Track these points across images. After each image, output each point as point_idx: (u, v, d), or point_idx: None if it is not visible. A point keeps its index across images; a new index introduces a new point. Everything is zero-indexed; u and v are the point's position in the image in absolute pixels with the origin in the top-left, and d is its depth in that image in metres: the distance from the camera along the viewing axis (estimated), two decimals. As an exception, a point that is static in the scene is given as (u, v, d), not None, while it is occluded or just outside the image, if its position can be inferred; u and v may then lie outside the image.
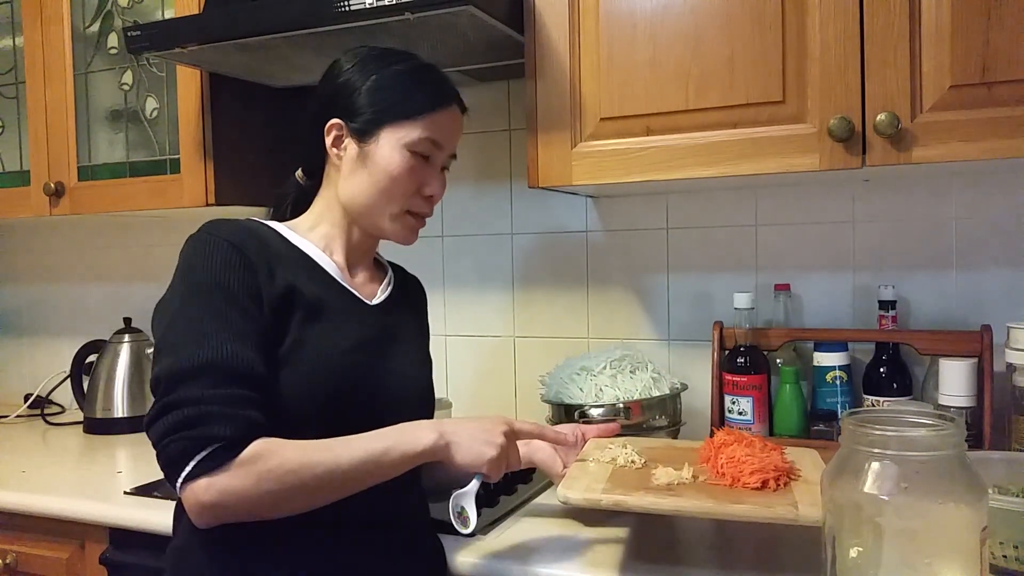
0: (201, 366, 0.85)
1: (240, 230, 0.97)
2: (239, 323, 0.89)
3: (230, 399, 0.85)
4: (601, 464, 1.06)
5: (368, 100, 1.02)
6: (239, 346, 0.87)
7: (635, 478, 1.01)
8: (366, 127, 1.02)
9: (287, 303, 0.94)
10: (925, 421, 0.79)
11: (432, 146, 1.03)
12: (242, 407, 0.85)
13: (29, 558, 1.40)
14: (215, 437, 0.83)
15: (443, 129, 1.04)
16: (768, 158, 1.17)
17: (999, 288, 1.37)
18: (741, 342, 1.40)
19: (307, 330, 0.94)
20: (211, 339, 0.87)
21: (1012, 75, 1.04)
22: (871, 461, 0.76)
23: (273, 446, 0.85)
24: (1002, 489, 1.03)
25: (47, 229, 2.26)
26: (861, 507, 0.76)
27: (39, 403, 2.09)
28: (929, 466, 0.75)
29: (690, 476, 1.00)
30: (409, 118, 1.01)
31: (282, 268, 0.96)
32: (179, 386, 0.84)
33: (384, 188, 1.02)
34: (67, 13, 1.73)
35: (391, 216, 1.04)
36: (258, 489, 0.83)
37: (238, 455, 0.83)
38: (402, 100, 1.01)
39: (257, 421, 0.86)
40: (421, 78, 1.04)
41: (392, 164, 1.01)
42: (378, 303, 1.07)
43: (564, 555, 1.05)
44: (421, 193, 1.04)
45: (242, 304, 0.91)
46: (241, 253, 0.94)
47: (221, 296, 0.90)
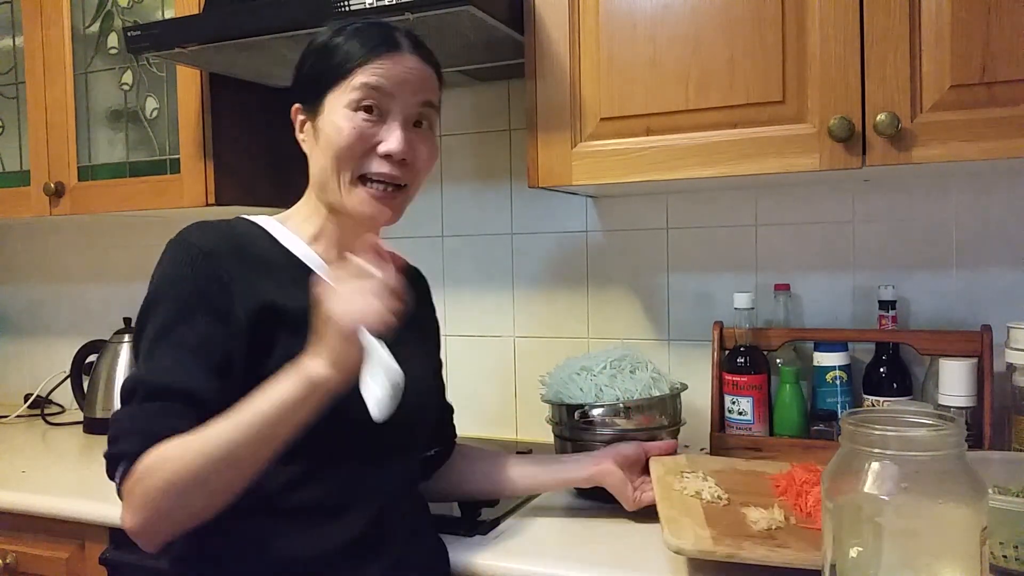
0: (136, 382, 0.86)
1: (219, 236, 0.93)
2: (187, 337, 0.86)
3: (146, 414, 0.84)
4: (686, 497, 1.08)
5: (310, 74, 0.98)
6: (181, 361, 0.85)
7: (730, 519, 1.03)
8: (313, 102, 0.97)
9: (268, 318, 0.89)
10: (925, 421, 0.79)
11: (374, 93, 0.93)
12: (154, 420, 0.83)
13: (29, 558, 1.40)
14: (122, 453, 0.83)
15: (386, 74, 0.94)
16: (768, 158, 1.17)
17: (999, 288, 1.37)
18: (741, 342, 1.40)
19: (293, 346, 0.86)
20: (156, 354, 0.86)
21: (1012, 75, 1.04)
22: (871, 461, 0.76)
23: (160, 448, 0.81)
24: (1002, 489, 1.03)
25: (47, 229, 2.26)
26: (861, 507, 0.76)
27: (39, 403, 2.09)
28: (929, 466, 0.75)
29: (782, 518, 1.02)
30: (346, 75, 0.94)
31: (264, 279, 0.92)
32: (124, 402, 0.86)
33: (334, 155, 0.94)
34: (67, 13, 1.73)
35: (346, 187, 0.95)
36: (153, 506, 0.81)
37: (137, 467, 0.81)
38: (339, 60, 0.95)
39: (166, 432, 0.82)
40: (356, 33, 0.96)
41: (334, 127, 0.94)
42: None
43: (564, 555, 1.05)
44: (376, 153, 0.95)
45: (196, 318, 0.87)
46: (209, 262, 0.89)
47: (175, 308, 0.88)
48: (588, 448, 1.26)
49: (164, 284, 0.90)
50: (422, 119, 0.99)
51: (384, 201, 0.96)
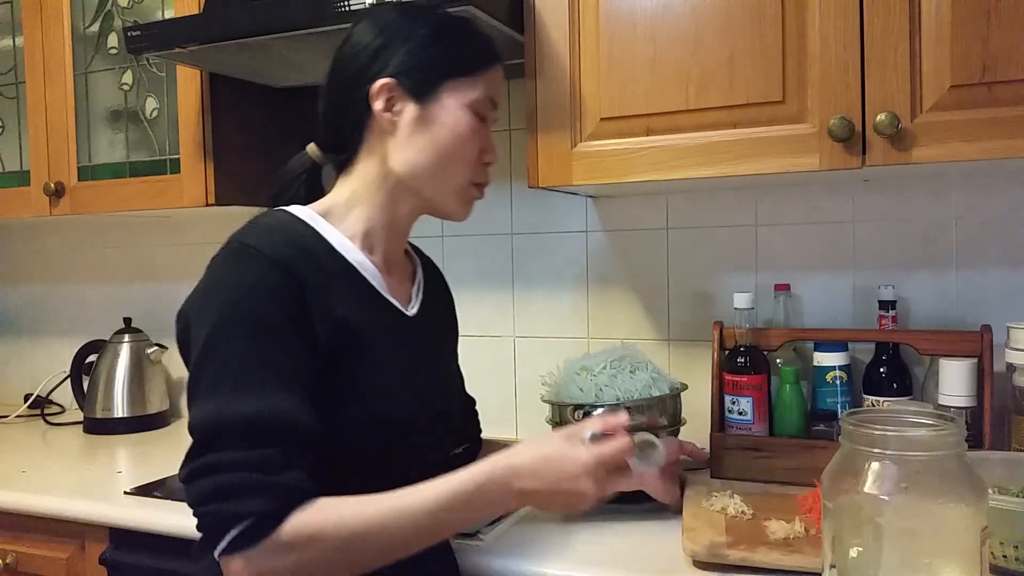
0: (234, 422, 0.75)
1: (286, 244, 0.84)
2: (284, 366, 0.78)
3: (269, 463, 0.75)
4: (711, 512, 1.11)
5: (423, 55, 0.91)
6: (283, 396, 0.77)
7: (750, 530, 1.05)
8: (425, 85, 0.91)
9: (341, 336, 0.83)
10: (925, 421, 0.79)
11: (491, 106, 0.95)
12: (282, 472, 0.75)
13: (29, 558, 1.40)
14: (249, 512, 0.73)
15: (497, 88, 0.96)
16: (768, 158, 1.17)
17: (999, 288, 1.37)
18: (741, 342, 1.39)
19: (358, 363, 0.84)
20: (250, 388, 0.76)
21: (1012, 75, 1.04)
22: (871, 461, 0.76)
23: (316, 521, 0.75)
24: (1002, 489, 1.03)
25: (47, 229, 2.26)
26: (861, 507, 0.76)
27: (39, 403, 2.09)
28: (929, 466, 0.75)
29: (802, 529, 1.03)
30: (470, 74, 0.92)
31: (332, 292, 0.85)
32: (214, 443, 0.75)
33: (450, 153, 0.91)
34: (67, 13, 1.73)
35: (456, 187, 0.93)
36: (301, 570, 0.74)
37: (275, 531, 0.73)
38: (461, 55, 0.92)
39: (299, 486, 0.76)
40: (471, 30, 0.95)
41: (460, 125, 0.91)
42: (414, 313, 0.97)
43: (564, 555, 1.05)
44: (482, 160, 0.95)
45: (287, 342, 0.79)
46: (288, 277, 0.81)
47: (263, 332, 0.78)
48: (588, 448, 1.26)
49: (238, 302, 0.79)
50: None
51: (472, 205, 0.98)
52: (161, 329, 2.07)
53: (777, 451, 1.32)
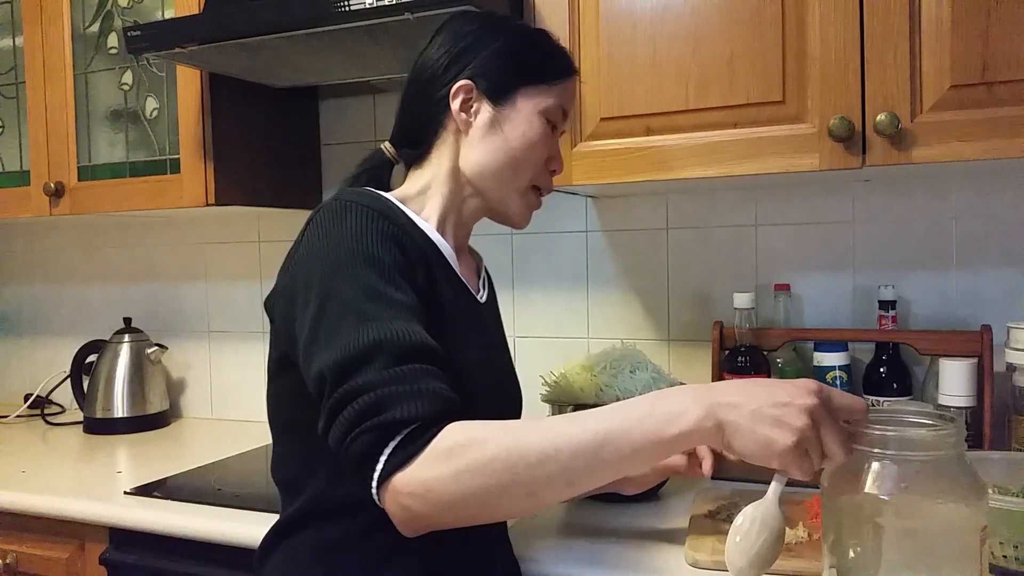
0: (369, 348, 0.73)
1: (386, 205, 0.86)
2: (402, 301, 0.78)
3: (409, 376, 0.72)
4: (717, 521, 1.11)
5: (502, 60, 0.94)
6: (405, 322, 0.75)
7: None
8: (501, 89, 0.94)
9: (429, 300, 0.84)
10: (925, 421, 0.79)
11: (562, 116, 0.98)
12: (428, 382, 0.72)
13: (29, 558, 1.40)
14: (405, 420, 0.70)
15: (570, 98, 1.00)
16: (768, 158, 1.17)
17: (999, 288, 1.37)
18: (741, 342, 1.40)
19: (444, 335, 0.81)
20: (373, 319, 0.75)
21: (1012, 75, 1.04)
22: (871, 461, 0.76)
23: (472, 429, 0.71)
24: (1002, 489, 1.03)
25: (47, 229, 2.27)
26: (861, 507, 0.76)
27: (39, 403, 2.09)
28: (929, 466, 0.75)
29: (806, 535, 1.03)
30: (545, 82, 0.95)
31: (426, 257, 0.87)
32: (350, 375, 0.72)
33: (519, 156, 0.94)
34: (67, 13, 1.73)
35: (520, 190, 0.97)
36: (460, 484, 0.69)
37: (434, 437, 0.70)
38: (538, 63, 0.96)
39: (448, 395, 0.73)
40: (550, 42, 0.99)
41: (532, 130, 0.94)
42: (484, 300, 1.01)
43: (564, 556, 1.05)
44: (547, 166, 0.99)
45: (397, 281, 0.79)
46: (394, 227, 0.83)
47: (376, 271, 0.78)
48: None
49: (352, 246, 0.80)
50: None
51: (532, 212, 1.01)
52: (161, 329, 2.07)
53: (777, 451, 1.32)
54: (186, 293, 2.07)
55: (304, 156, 1.87)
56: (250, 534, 1.18)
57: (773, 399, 0.69)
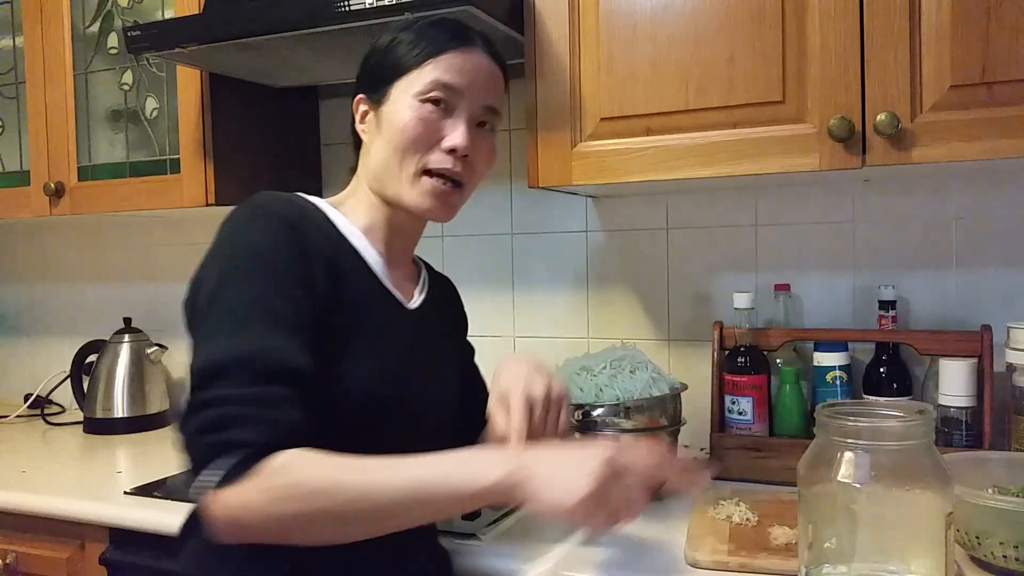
0: (236, 360, 0.76)
1: (294, 208, 0.88)
2: (286, 311, 0.80)
3: (261, 399, 0.76)
4: (717, 521, 1.11)
5: (380, 63, 0.96)
6: (281, 337, 0.78)
7: (754, 537, 1.05)
8: (379, 92, 0.95)
9: (332, 309, 0.86)
10: (895, 413, 0.83)
11: (445, 90, 0.92)
12: (277, 408, 0.76)
13: (29, 558, 1.40)
14: (242, 443, 0.74)
15: (458, 71, 0.93)
16: (768, 158, 1.17)
17: (999, 288, 1.37)
18: (741, 342, 1.40)
19: (351, 340, 0.86)
20: (250, 328, 0.78)
21: (1012, 75, 1.04)
22: (844, 451, 0.80)
23: (303, 460, 0.75)
24: (1002, 489, 1.03)
25: (47, 229, 2.26)
26: (835, 495, 0.80)
27: (39, 403, 2.09)
28: (899, 455, 0.79)
29: None
30: (417, 65, 0.92)
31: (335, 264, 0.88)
32: (212, 383, 0.76)
33: (397, 145, 0.92)
34: (67, 13, 1.73)
35: (409, 179, 0.93)
36: (274, 508, 0.73)
37: (262, 464, 0.74)
38: (409, 51, 0.93)
39: (293, 424, 0.76)
40: (433, 26, 0.96)
41: (402, 116, 0.92)
42: (415, 307, 1.00)
43: (564, 555, 1.05)
44: (440, 147, 0.93)
45: (290, 291, 0.81)
46: (298, 234, 0.85)
47: (268, 279, 0.81)
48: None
49: (247, 252, 0.83)
50: (485, 121, 0.98)
51: (442, 197, 0.94)
52: (161, 329, 2.07)
53: (777, 451, 1.32)
54: (186, 293, 2.07)
55: (304, 156, 1.87)
56: (250, 534, 1.18)
57: (571, 460, 0.74)
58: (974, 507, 0.92)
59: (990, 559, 0.94)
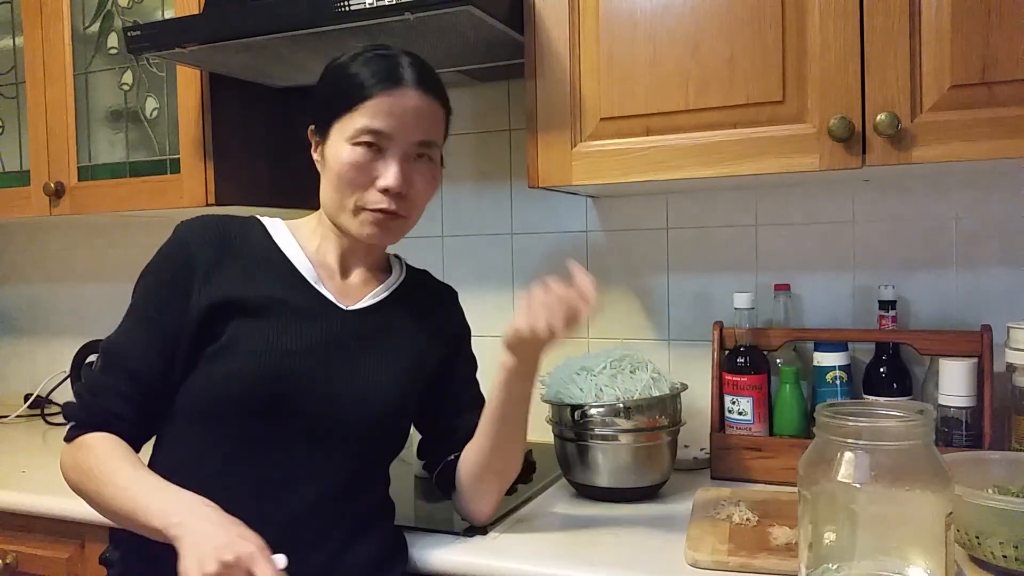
0: (104, 348, 1.00)
1: (205, 229, 1.02)
2: (152, 315, 0.99)
3: (101, 386, 0.97)
4: (717, 521, 1.11)
5: (322, 102, 1.03)
6: (137, 337, 0.98)
7: (754, 537, 1.05)
8: (321, 128, 1.03)
9: (224, 307, 0.97)
10: (895, 413, 0.84)
11: (374, 134, 0.97)
12: (105, 397, 0.96)
13: (29, 558, 1.40)
14: (70, 415, 0.98)
15: (387, 115, 0.97)
16: (768, 158, 1.17)
17: (999, 288, 1.37)
18: (741, 342, 1.40)
19: (245, 330, 0.97)
20: (123, 324, 1.00)
21: (1012, 75, 1.04)
22: (844, 451, 0.80)
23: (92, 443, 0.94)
24: (1002, 489, 1.03)
25: (47, 229, 2.26)
26: (835, 495, 0.80)
27: (39, 403, 2.09)
28: (898, 455, 0.79)
29: None
30: (348, 109, 0.98)
31: (232, 271, 0.99)
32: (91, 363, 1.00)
33: (336, 185, 1.00)
34: (67, 13, 1.73)
35: (349, 214, 1.01)
36: (68, 473, 0.96)
37: (76, 440, 0.96)
38: (343, 93, 0.99)
39: (113, 412, 0.96)
40: (366, 64, 0.99)
41: (338, 159, 0.99)
42: (356, 308, 1.04)
43: (563, 555, 1.05)
44: (375, 186, 0.99)
45: (164, 299, 0.99)
46: (185, 250, 1.00)
47: (152, 287, 1.00)
48: (588, 448, 1.26)
49: (149, 265, 1.02)
50: (422, 154, 1.02)
51: (382, 227, 1.02)
52: (161, 329, 2.07)
53: (777, 451, 1.33)
54: (186, 293, 2.07)
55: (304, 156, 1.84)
56: (250, 534, 1.18)
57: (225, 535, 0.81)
58: (974, 507, 0.92)
59: (990, 559, 0.94)
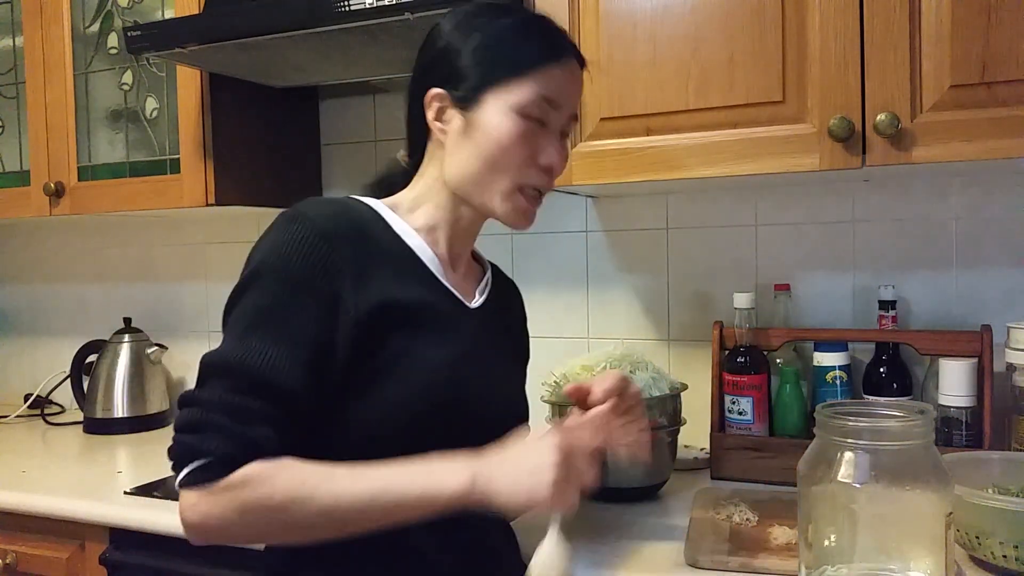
0: (230, 365, 0.78)
1: (338, 216, 0.87)
2: (295, 325, 0.80)
3: (237, 411, 0.77)
4: (717, 521, 1.11)
5: (471, 62, 0.90)
6: (280, 349, 0.79)
7: (754, 537, 1.05)
8: (470, 93, 0.90)
9: (382, 315, 0.84)
10: (895, 413, 0.84)
11: (547, 106, 0.90)
12: (250, 423, 0.77)
13: (29, 558, 1.40)
14: (205, 451, 0.76)
15: (558, 86, 0.90)
16: (768, 158, 1.17)
17: (999, 288, 1.37)
18: (741, 342, 1.39)
19: (408, 340, 0.86)
20: (254, 336, 0.79)
21: (1012, 75, 1.04)
22: (844, 451, 0.80)
23: (268, 472, 0.77)
24: (1002, 489, 1.03)
25: (47, 229, 2.26)
26: (835, 495, 0.80)
27: (39, 403, 2.09)
28: (898, 455, 0.79)
29: None
30: (517, 76, 0.88)
31: (380, 270, 0.87)
32: (205, 381, 0.79)
33: (493, 159, 0.89)
34: (67, 13, 1.73)
35: (502, 193, 0.91)
36: (239, 519, 0.76)
37: (225, 476, 0.76)
38: (508, 57, 0.89)
39: (262, 441, 0.77)
40: (529, 30, 0.92)
41: (501, 131, 0.88)
42: (476, 306, 0.97)
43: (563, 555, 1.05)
44: (536, 163, 0.91)
45: (307, 303, 0.81)
46: (330, 247, 0.83)
47: (289, 291, 0.81)
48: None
49: (273, 258, 0.83)
50: (566, 131, 0.96)
51: (531, 211, 0.94)
52: (161, 329, 2.07)
53: (777, 451, 1.32)
54: (186, 293, 2.07)
55: (304, 156, 1.87)
56: (250, 534, 1.18)
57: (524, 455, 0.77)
58: (974, 507, 0.92)
59: (990, 559, 0.94)
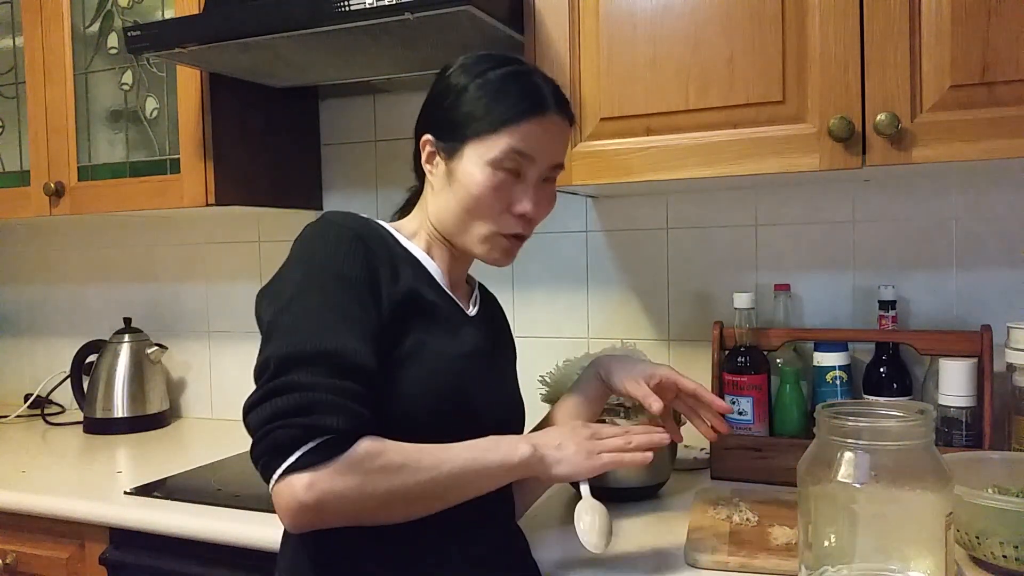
0: (318, 353, 0.81)
1: (362, 224, 0.95)
2: (358, 315, 0.86)
3: (343, 391, 0.81)
4: (717, 521, 1.11)
5: (454, 115, 0.96)
6: (356, 339, 0.84)
7: (754, 537, 1.05)
8: (452, 144, 0.96)
9: (409, 304, 0.92)
10: (895, 413, 0.84)
11: (520, 159, 0.95)
12: (354, 400, 0.81)
13: (29, 558, 1.41)
14: (327, 428, 0.79)
15: (535, 140, 0.95)
16: (768, 158, 1.17)
17: (999, 288, 1.37)
18: (741, 342, 1.39)
19: (428, 331, 0.93)
20: (329, 328, 0.83)
21: (1012, 75, 1.04)
22: (844, 451, 0.80)
23: (380, 445, 0.82)
24: (1002, 489, 1.03)
25: (47, 229, 2.26)
26: (835, 495, 0.80)
27: (39, 403, 2.09)
28: (898, 455, 0.80)
29: None
30: (493, 131, 0.94)
31: (403, 268, 0.95)
32: (292, 370, 0.80)
33: (468, 208, 0.96)
34: (67, 13, 1.73)
35: (480, 237, 0.98)
36: (363, 491, 0.80)
37: (346, 451, 0.80)
38: (485, 112, 0.94)
39: (367, 417, 0.83)
40: (508, 86, 0.95)
41: (473, 182, 0.94)
42: (474, 315, 1.05)
43: (564, 555, 1.05)
44: (511, 211, 0.97)
45: (361, 297, 0.88)
46: (365, 246, 0.91)
47: (342, 286, 0.87)
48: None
49: (321, 258, 0.89)
50: (550, 177, 1.01)
51: (509, 251, 1.01)
52: (161, 329, 2.07)
53: (777, 451, 1.32)
54: (186, 293, 2.07)
55: (304, 156, 1.87)
56: (250, 534, 1.18)
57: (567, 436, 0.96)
58: (974, 507, 0.92)
59: (990, 559, 0.94)
